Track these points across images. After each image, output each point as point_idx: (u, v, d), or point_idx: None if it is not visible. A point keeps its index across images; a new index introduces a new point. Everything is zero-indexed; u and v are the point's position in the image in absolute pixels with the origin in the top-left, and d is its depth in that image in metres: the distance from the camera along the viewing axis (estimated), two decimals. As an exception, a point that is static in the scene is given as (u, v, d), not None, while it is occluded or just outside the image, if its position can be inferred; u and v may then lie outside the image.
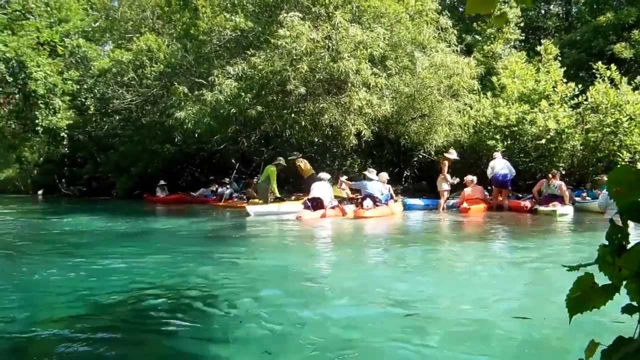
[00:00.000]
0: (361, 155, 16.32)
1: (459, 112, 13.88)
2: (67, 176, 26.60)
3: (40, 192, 28.74)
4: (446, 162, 12.25)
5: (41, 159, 28.68)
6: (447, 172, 12.16)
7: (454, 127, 13.79)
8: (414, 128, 14.09)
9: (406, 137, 14.44)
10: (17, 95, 17.18)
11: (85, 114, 21.72)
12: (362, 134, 12.85)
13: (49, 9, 19.73)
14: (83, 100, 20.70)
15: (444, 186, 12.25)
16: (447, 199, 12.39)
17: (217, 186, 16.86)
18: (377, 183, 11.40)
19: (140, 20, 21.61)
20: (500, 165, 11.82)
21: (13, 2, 15.88)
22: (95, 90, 20.69)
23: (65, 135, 18.36)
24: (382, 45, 12.49)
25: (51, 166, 27.67)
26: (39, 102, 16.54)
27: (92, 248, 6.73)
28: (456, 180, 12.26)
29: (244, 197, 15.03)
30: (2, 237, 8.41)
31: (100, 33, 24.09)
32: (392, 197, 12.13)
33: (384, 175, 12.06)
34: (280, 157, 13.10)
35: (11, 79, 15.84)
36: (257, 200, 13.14)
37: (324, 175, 11.55)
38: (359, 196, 11.68)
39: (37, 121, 16.79)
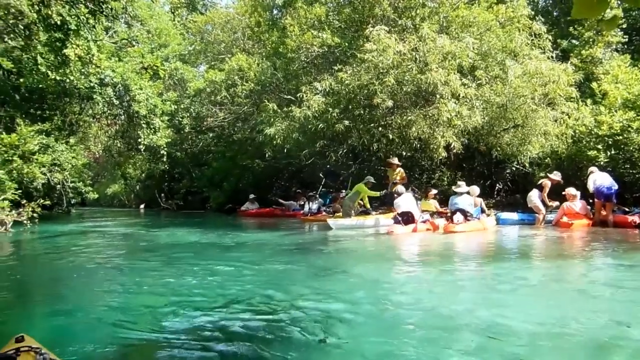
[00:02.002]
0: (450, 168, 15.90)
1: (556, 121, 13.11)
2: (165, 191, 28.26)
3: (142, 206, 30.70)
4: (548, 184, 11.63)
5: (143, 175, 30.65)
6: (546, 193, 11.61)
7: (550, 137, 13.03)
8: (507, 139, 13.49)
9: (498, 148, 13.85)
10: (122, 117, 18.58)
11: (182, 132, 23.07)
12: (452, 146, 12.53)
13: (150, 35, 21.26)
14: (180, 119, 22.04)
15: (535, 201, 11.64)
16: (546, 214, 11.73)
17: (305, 199, 17.15)
18: (467, 197, 11.04)
19: (231, 42, 22.67)
20: (602, 178, 11.01)
21: (120, 32, 17.23)
22: (191, 110, 21.97)
23: (165, 153, 19.50)
24: (472, 54, 12.17)
25: (152, 182, 29.52)
26: (142, 122, 17.76)
27: (188, 259, 7.08)
28: (556, 204, 11.60)
29: (331, 211, 15.15)
30: (111, 247, 9.11)
31: (195, 55, 25.53)
32: (483, 212, 11.69)
33: (475, 189, 11.66)
34: (369, 177, 13.07)
35: (117, 102, 17.17)
36: (341, 214, 13.21)
37: (401, 188, 11.39)
38: (448, 210, 11.38)
39: (139, 140, 18.03)
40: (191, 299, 4.27)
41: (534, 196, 11.74)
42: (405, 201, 10.85)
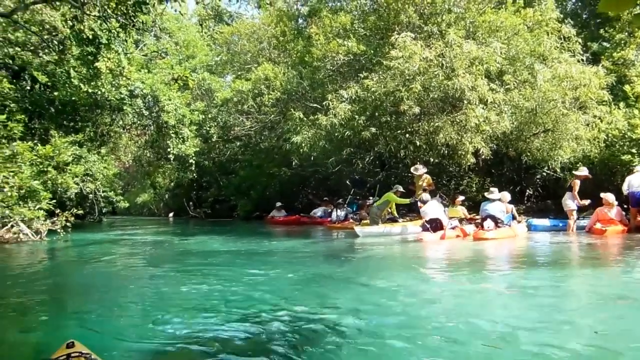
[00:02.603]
0: (479, 174, 15.70)
1: (587, 125, 12.82)
2: (194, 199, 28.62)
3: (171, 214, 31.13)
4: (577, 182, 11.32)
5: (172, 184, 31.10)
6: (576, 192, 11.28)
7: (581, 141, 12.75)
8: (537, 144, 13.26)
9: (528, 153, 13.62)
10: (151, 127, 18.95)
11: (209, 141, 23.36)
12: (480, 152, 12.39)
13: (178, 47, 21.66)
14: (208, 128, 22.33)
15: (569, 205, 11.32)
16: (578, 218, 11.42)
17: (332, 207, 17.15)
18: (499, 203, 10.86)
19: (257, 52, 22.88)
20: (638, 181, 10.66)
21: (149, 44, 17.60)
22: (219, 119, 22.23)
23: (193, 162, 19.78)
24: (499, 59, 12.03)
25: (180, 190, 29.94)
26: (170, 132, 18.09)
27: (217, 266, 7.16)
28: (587, 202, 11.25)
29: (358, 218, 15.09)
30: (142, 255, 9.26)
31: (222, 66, 25.85)
32: (515, 218, 11.49)
33: (506, 195, 11.46)
34: (398, 185, 12.99)
35: (147, 113, 17.52)
36: (367, 221, 13.16)
37: (426, 196, 11.28)
38: (477, 216, 11.22)
39: (168, 149, 18.35)
40: (223, 305, 4.31)
41: (568, 199, 11.41)
42: (432, 208, 10.76)
